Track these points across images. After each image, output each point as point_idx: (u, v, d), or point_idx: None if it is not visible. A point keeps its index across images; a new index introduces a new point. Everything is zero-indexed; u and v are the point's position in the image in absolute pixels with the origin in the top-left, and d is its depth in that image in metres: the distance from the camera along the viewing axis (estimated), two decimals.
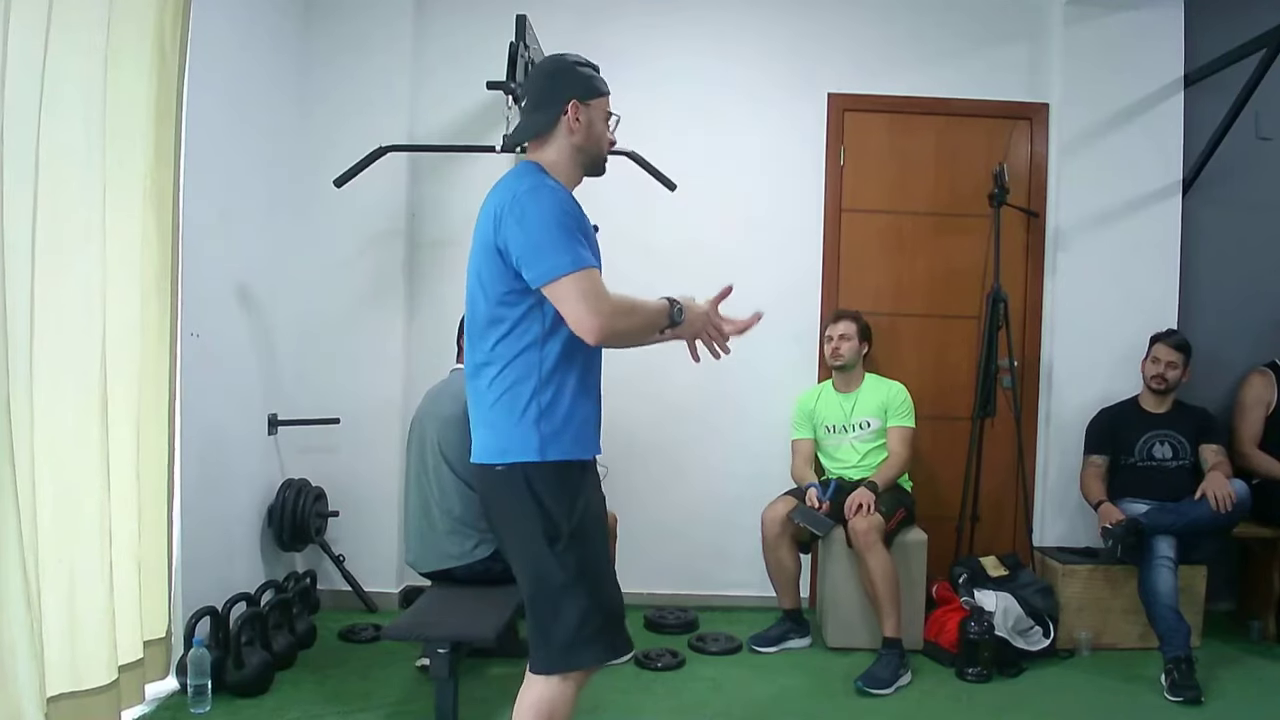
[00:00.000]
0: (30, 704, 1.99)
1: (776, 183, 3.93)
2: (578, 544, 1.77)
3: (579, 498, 1.80)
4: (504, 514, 1.83)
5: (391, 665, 3.12)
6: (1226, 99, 3.66)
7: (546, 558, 1.75)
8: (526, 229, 1.70)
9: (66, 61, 2.19)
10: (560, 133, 1.86)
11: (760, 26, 3.93)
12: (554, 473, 1.78)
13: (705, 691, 2.98)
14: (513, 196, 1.74)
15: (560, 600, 1.75)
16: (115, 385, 2.40)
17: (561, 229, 1.70)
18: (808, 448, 3.63)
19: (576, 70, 1.89)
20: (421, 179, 3.84)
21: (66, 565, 2.23)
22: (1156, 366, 3.53)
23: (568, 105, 1.85)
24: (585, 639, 1.76)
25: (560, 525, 1.76)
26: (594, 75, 1.91)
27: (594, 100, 1.87)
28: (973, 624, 3.11)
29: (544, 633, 1.78)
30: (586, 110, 1.86)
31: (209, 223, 2.98)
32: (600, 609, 1.79)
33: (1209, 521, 3.17)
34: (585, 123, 1.86)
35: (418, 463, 2.91)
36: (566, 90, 1.86)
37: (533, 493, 1.76)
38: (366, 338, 3.78)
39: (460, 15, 3.85)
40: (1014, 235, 3.91)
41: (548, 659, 1.78)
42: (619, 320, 1.72)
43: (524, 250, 1.71)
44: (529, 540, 1.77)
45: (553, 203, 1.73)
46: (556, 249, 1.69)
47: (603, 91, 1.90)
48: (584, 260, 1.70)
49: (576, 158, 1.88)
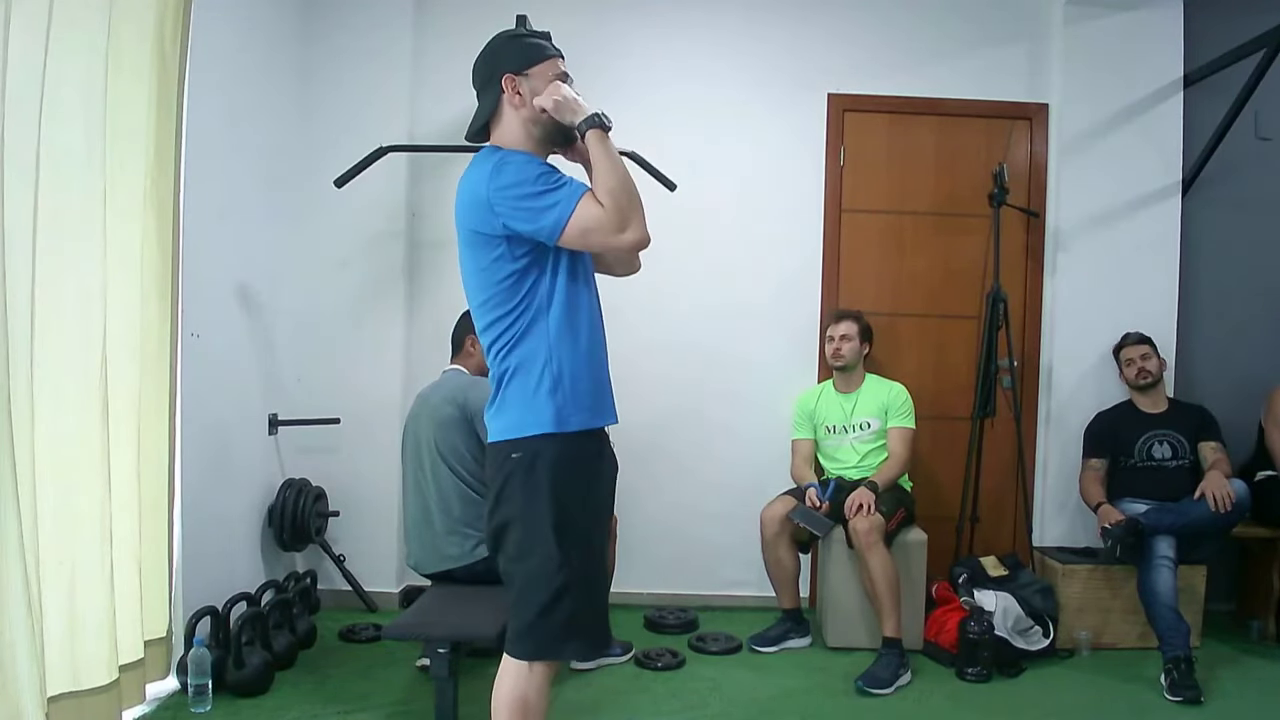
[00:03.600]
0: (31, 704, 1.99)
1: (776, 183, 3.94)
2: (585, 540, 1.77)
3: (592, 488, 1.80)
4: (513, 500, 1.78)
5: (391, 665, 3.12)
6: (1226, 99, 3.66)
7: (552, 551, 1.74)
8: (521, 199, 1.70)
9: (67, 63, 2.19)
10: (506, 112, 1.83)
11: (760, 27, 3.93)
12: (570, 451, 1.76)
13: (705, 691, 2.98)
14: (487, 180, 1.73)
15: (557, 593, 1.75)
16: (115, 385, 2.40)
17: (538, 181, 1.71)
18: (807, 448, 3.63)
19: (508, 44, 1.85)
20: (421, 179, 3.84)
21: (67, 565, 2.23)
22: (1132, 367, 3.58)
23: (502, 81, 1.81)
24: (572, 634, 1.77)
25: (573, 517, 1.75)
26: (531, 43, 1.83)
27: (532, 69, 1.80)
28: (973, 624, 3.11)
29: (531, 621, 1.77)
30: (525, 81, 1.80)
31: (209, 223, 2.99)
32: (591, 606, 1.79)
33: (1208, 521, 3.17)
34: (527, 94, 1.79)
35: (414, 465, 2.91)
36: (499, 66, 1.82)
37: (549, 479, 1.74)
38: (366, 338, 3.78)
39: (460, 15, 3.85)
40: (1014, 235, 3.92)
41: (533, 647, 1.77)
42: (631, 213, 1.72)
43: (525, 219, 1.71)
44: (537, 530, 1.75)
45: (518, 166, 1.73)
46: (547, 201, 1.70)
47: (540, 58, 1.81)
48: (574, 197, 1.70)
49: (532, 132, 1.82)
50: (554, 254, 1.78)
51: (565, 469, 1.76)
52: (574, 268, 1.81)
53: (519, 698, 1.77)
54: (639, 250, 1.81)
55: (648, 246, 1.80)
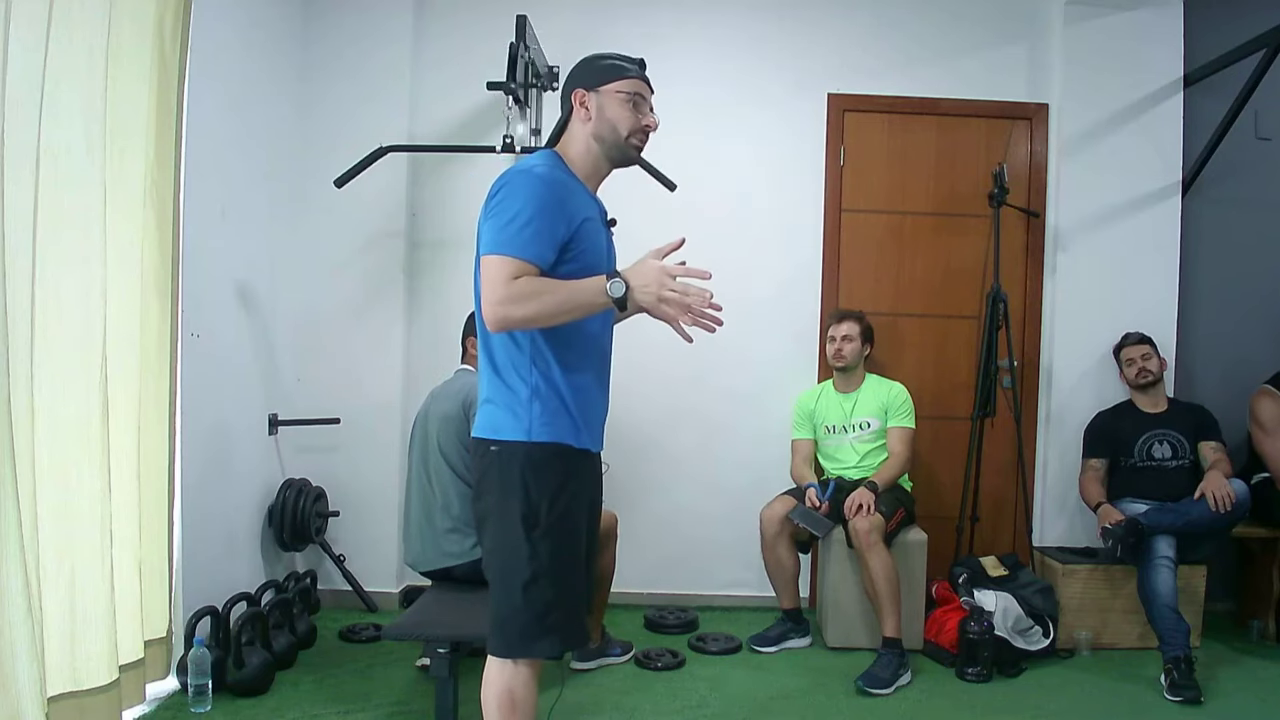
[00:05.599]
0: (31, 704, 1.99)
1: (776, 183, 3.94)
2: (554, 535, 1.78)
3: (565, 488, 1.80)
4: (490, 493, 1.82)
5: (391, 665, 3.12)
6: (1226, 99, 3.66)
7: (520, 543, 1.76)
8: (496, 207, 1.74)
9: (67, 61, 2.19)
10: (576, 126, 1.88)
11: (760, 27, 3.93)
12: (544, 456, 1.78)
13: (705, 691, 2.98)
14: (503, 174, 1.78)
15: (526, 588, 1.76)
16: (116, 385, 2.40)
17: (518, 214, 1.70)
18: (807, 448, 3.63)
19: (588, 63, 1.91)
20: (421, 179, 3.84)
21: (67, 565, 2.23)
22: (1132, 367, 3.58)
23: (574, 97, 1.87)
24: (543, 630, 1.78)
25: (539, 512, 1.77)
26: (610, 64, 1.88)
27: (605, 86, 1.85)
28: (972, 624, 3.11)
29: (503, 618, 1.79)
30: (595, 96, 1.85)
31: (209, 223, 2.99)
32: (562, 603, 1.79)
33: (1208, 521, 3.17)
34: (595, 108, 1.85)
35: (419, 461, 2.92)
36: (573, 84, 1.89)
37: (520, 474, 1.77)
38: (366, 338, 3.78)
39: (460, 15, 3.85)
40: (1014, 235, 3.92)
41: (505, 644, 1.80)
42: (513, 308, 1.67)
43: (484, 223, 1.76)
44: (507, 523, 1.78)
45: (526, 186, 1.73)
46: (495, 230, 1.71)
47: (617, 76, 1.86)
48: (506, 248, 1.69)
49: (595, 148, 1.87)
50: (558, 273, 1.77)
51: (538, 468, 1.78)
52: None
53: (504, 692, 1.80)
54: (492, 328, 1.73)
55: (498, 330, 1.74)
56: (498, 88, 3.36)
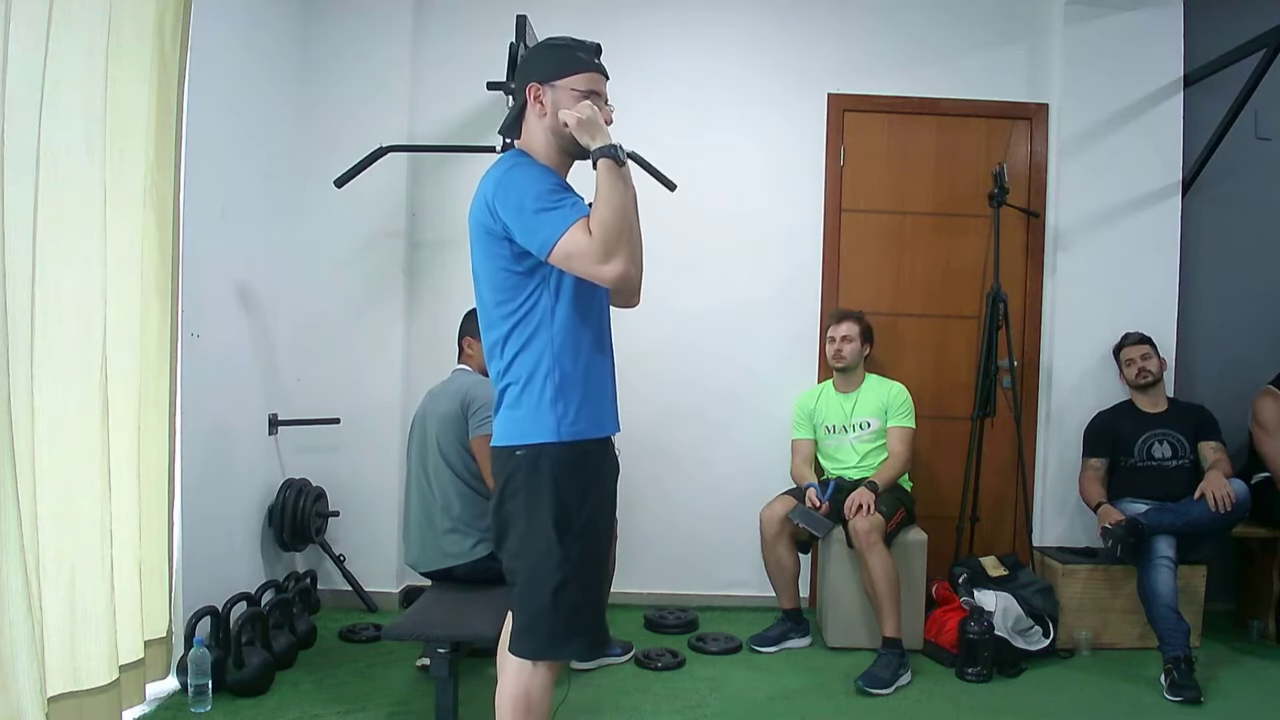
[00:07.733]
0: (31, 704, 1.99)
1: (776, 183, 3.94)
2: (585, 537, 1.78)
3: (593, 488, 1.80)
4: (516, 497, 1.80)
5: (391, 665, 3.12)
6: (1226, 99, 3.66)
7: (552, 547, 1.75)
8: (519, 212, 1.71)
9: (67, 61, 2.19)
10: (533, 120, 1.83)
11: (760, 27, 3.93)
12: (573, 457, 1.77)
13: (705, 691, 2.98)
14: (495, 183, 1.75)
15: (556, 592, 1.75)
16: (116, 385, 2.40)
17: (538, 198, 1.70)
18: (807, 448, 3.63)
19: (545, 51, 1.85)
20: (421, 179, 3.84)
21: (67, 565, 2.23)
22: (1132, 367, 3.57)
23: (528, 91, 1.82)
24: (573, 633, 1.77)
25: (573, 514, 1.76)
26: (566, 54, 1.81)
27: (560, 80, 1.78)
28: (972, 624, 3.11)
29: (531, 620, 1.78)
30: (550, 91, 1.79)
31: (209, 223, 2.99)
32: (590, 605, 1.80)
33: (1208, 521, 3.18)
34: (550, 104, 1.79)
35: (418, 462, 2.92)
36: (527, 76, 1.83)
37: (550, 477, 1.75)
38: (366, 338, 3.78)
39: (460, 15, 3.85)
40: (1014, 235, 3.92)
41: (533, 646, 1.78)
42: (615, 250, 1.67)
43: (521, 232, 1.72)
44: (536, 526, 1.76)
45: (524, 172, 1.74)
46: (541, 220, 1.69)
47: (570, 71, 1.79)
48: (567, 221, 1.68)
49: (553, 141, 1.81)
50: None
51: (567, 469, 1.77)
52: (581, 280, 1.77)
53: (522, 695, 1.78)
54: (621, 285, 1.73)
55: (632, 284, 1.77)
56: (498, 88, 3.36)
